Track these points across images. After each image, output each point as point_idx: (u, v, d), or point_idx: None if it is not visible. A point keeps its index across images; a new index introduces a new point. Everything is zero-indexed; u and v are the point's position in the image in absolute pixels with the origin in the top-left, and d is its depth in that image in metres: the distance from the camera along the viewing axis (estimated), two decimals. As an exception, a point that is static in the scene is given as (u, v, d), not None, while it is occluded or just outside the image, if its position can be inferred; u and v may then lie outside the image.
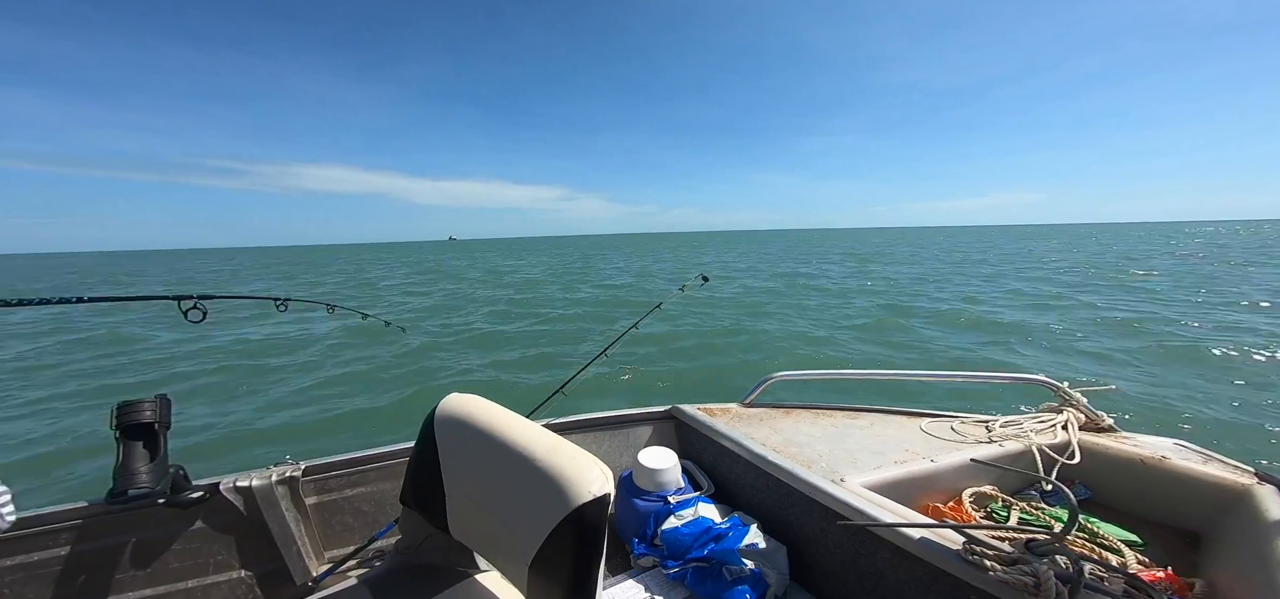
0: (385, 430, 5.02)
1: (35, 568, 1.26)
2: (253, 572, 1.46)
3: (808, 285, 16.09)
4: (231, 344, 8.75)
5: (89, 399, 6.02)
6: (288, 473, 1.45)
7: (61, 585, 1.29)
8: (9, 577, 1.25)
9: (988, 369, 3.71)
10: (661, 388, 6.06)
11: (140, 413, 1.27)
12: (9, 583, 1.25)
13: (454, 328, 10.49)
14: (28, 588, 1.26)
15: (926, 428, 1.84)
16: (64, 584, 1.29)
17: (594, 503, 0.82)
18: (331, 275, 28.22)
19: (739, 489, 1.72)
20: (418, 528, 1.22)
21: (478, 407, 1.06)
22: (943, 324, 9.41)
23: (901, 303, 11.85)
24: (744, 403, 2.11)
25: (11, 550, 1.24)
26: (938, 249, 38.65)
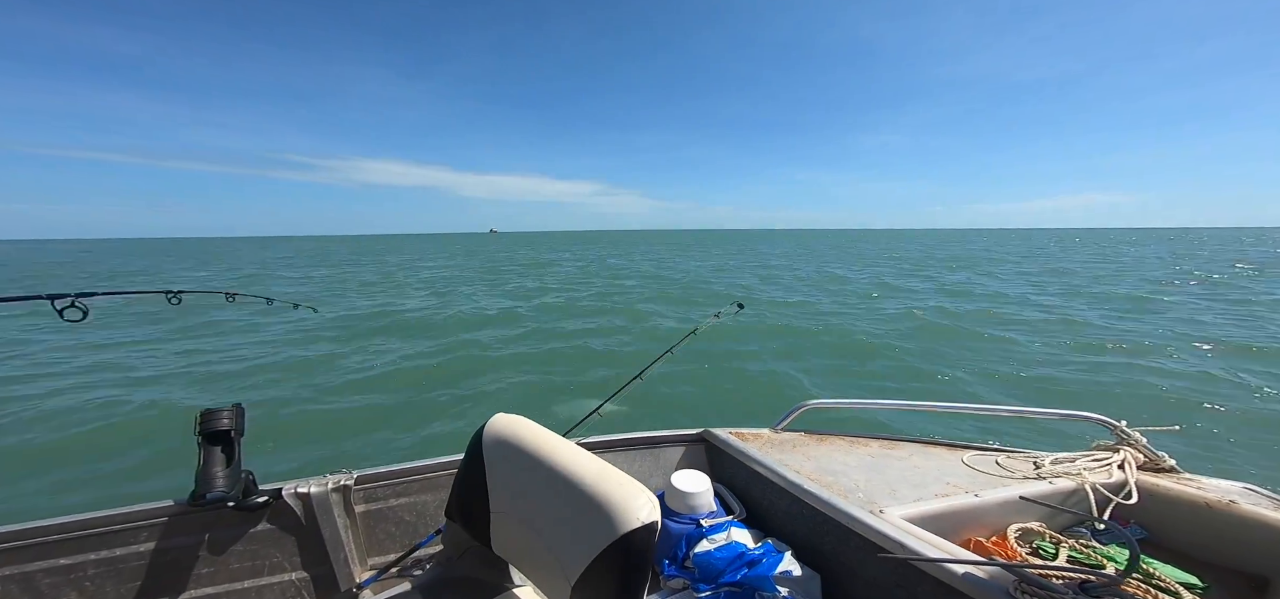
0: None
1: (117, 563, 1.38)
2: (304, 575, 1.54)
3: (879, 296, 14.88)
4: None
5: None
6: (341, 481, 1.54)
7: (139, 581, 1.40)
8: (92, 570, 1.36)
9: (1036, 405, 3.55)
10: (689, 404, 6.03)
11: (220, 421, 1.38)
12: (92, 577, 1.36)
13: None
14: (107, 582, 1.37)
15: (969, 461, 1.80)
16: (141, 580, 1.40)
17: (642, 530, 0.85)
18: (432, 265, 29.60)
19: (771, 515, 1.71)
20: (460, 541, 1.27)
21: (525, 428, 1.12)
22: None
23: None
24: (776, 428, 2.11)
25: (96, 546, 1.36)
26: (1019, 253, 36.50)
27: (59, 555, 1.33)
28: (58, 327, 9.22)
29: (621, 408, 2.12)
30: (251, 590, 1.49)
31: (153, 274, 26.51)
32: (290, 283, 21.50)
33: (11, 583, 1.29)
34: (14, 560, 1.29)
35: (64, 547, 1.33)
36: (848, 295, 15.14)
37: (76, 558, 1.34)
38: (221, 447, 1.40)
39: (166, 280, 22.85)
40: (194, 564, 1.44)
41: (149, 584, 1.40)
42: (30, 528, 1.30)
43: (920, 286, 17.27)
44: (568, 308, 13.95)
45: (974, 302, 13.89)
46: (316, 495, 1.49)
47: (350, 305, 14.24)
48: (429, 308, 13.75)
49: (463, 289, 18.41)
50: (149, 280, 22.35)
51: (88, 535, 1.35)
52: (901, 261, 29.84)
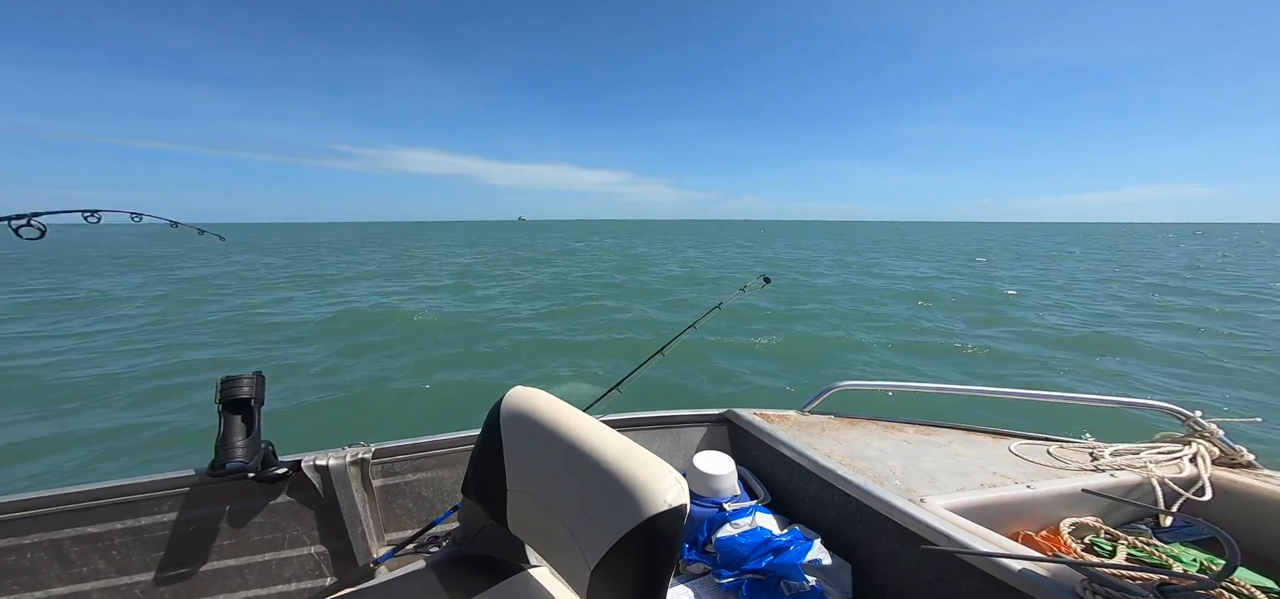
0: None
1: (141, 531, 1.39)
2: (322, 549, 1.54)
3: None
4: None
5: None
6: (359, 454, 1.52)
7: (162, 551, 1.41)
8: (118, 540, 1.38)
9: (1094, 392, 3.24)
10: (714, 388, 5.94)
11: (240, 389, 1.36)
12: (118, 546, 1.38)
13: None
14: (133, 551, 1.39)
15: (1017, 450, 1.68)
16: (164, 548, 1.41)
17: (669, 513, 0.79)
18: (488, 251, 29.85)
19: (799, 501, 1.63)
20: (476, 518, 1.23)
21: (544, 402, 1.06)
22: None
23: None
24: (804, 410, 2.01)
25: (121, 514, 1.37)
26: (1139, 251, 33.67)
27: (86, 523, 1.35)
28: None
29: (642, 385, 2.05)
30: (271, 564, 1.49)
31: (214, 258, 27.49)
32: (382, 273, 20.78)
33: (41, 550, 1.32)
34: (43, 528, 1.32)
35: (92, 514, 1.35)
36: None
37: (103, 526, 1.36)
38: (241, 415, 1.38)
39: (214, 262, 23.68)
40: (215, 535, 1.45)
41: (171, 554, 1.41)
42: (59, 494, 1.32)
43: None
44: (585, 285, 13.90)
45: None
46: (335, 469, 1.48)
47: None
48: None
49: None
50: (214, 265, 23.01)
51: (114, 504, 1.36)
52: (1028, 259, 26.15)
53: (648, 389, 5.59)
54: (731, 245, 35.69)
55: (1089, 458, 1.58)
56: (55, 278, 17.01)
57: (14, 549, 1.30)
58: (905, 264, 23.64)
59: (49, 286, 14.24)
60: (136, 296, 12.43)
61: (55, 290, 13.56)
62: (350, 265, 22.52)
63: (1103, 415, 4.35)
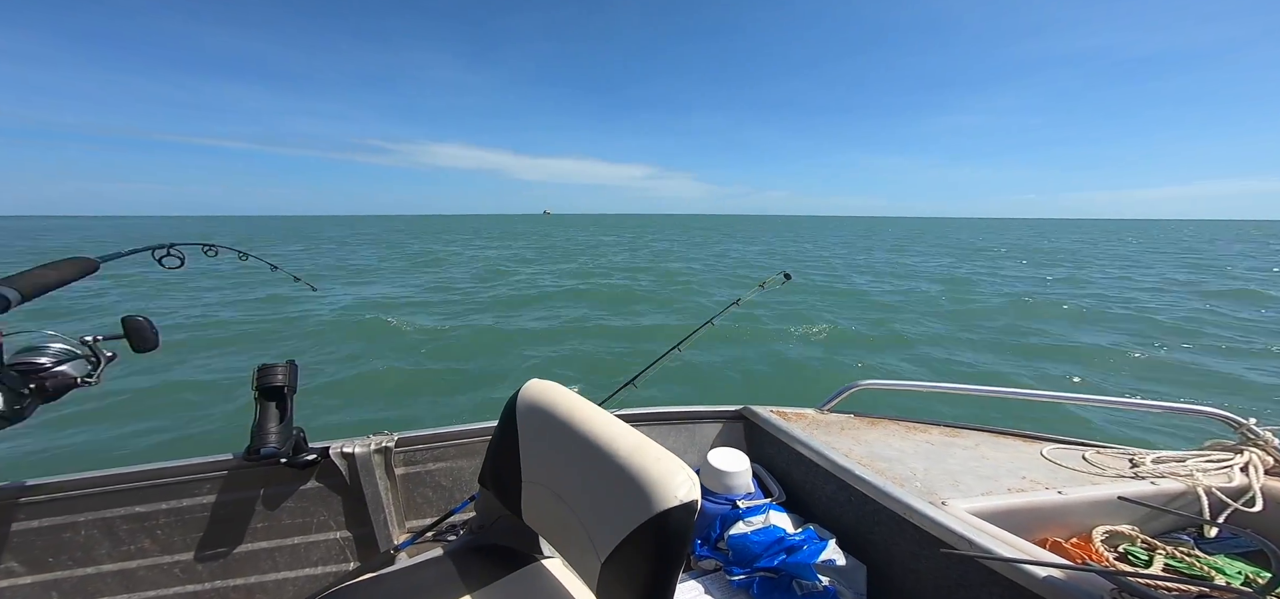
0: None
1: (184, 512, 1.48)
2: (347, 534, 1.60)
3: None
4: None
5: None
6: (383, 443, 1.57)
7: (201, 531, 1.50)
8: (163, 519, 1.47)
9: (1138, 398, 3.00)
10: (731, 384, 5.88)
11: (274, 376, 1.42)
12: (162, 525, 1.47)
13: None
14: (175, 531, 1.48)
15: (1050, 455, 1.61)
16: (203, 529, 1.50)
17: (680, 509, 0.79)
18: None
19: (814, 500, 1.60)
20: (492, 508, 1.26)
21: (558, 395, 1.07)
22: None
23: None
24: (822, 409, 1.97)
25: (165, 495, 1.46)
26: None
27: (134, 503, 1.44)
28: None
29: (658, 381, 2.05)
30: (300, 546, 1.56)
31: (261, 245, 28.74)
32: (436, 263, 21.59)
33: (94, 528, 1.41)
34: (96, 506, 1.42)
35: (139, 495, 1.44)
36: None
37: (150, 506, 1.45)
38: (275, 402, 1.44)
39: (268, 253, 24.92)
40: (250, 517, 1.53)
41: (210, 534, 1.49)
42: (111, 475, 1.42)
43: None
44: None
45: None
46: (360, 456, 1.54)
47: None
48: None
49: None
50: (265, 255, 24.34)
51: (159, 485, 1.45)
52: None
53: (663, 384, 5.60)
54: (749, 242, 35.09)
55: (1128, 464, 1.50)
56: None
57: (69, 526, 1.40)
58: (941, 261, 22.85)
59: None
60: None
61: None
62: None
63: (1146, 422, 4.12)
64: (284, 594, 1.56)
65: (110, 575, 1.44)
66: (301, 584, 1.56)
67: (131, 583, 1.46)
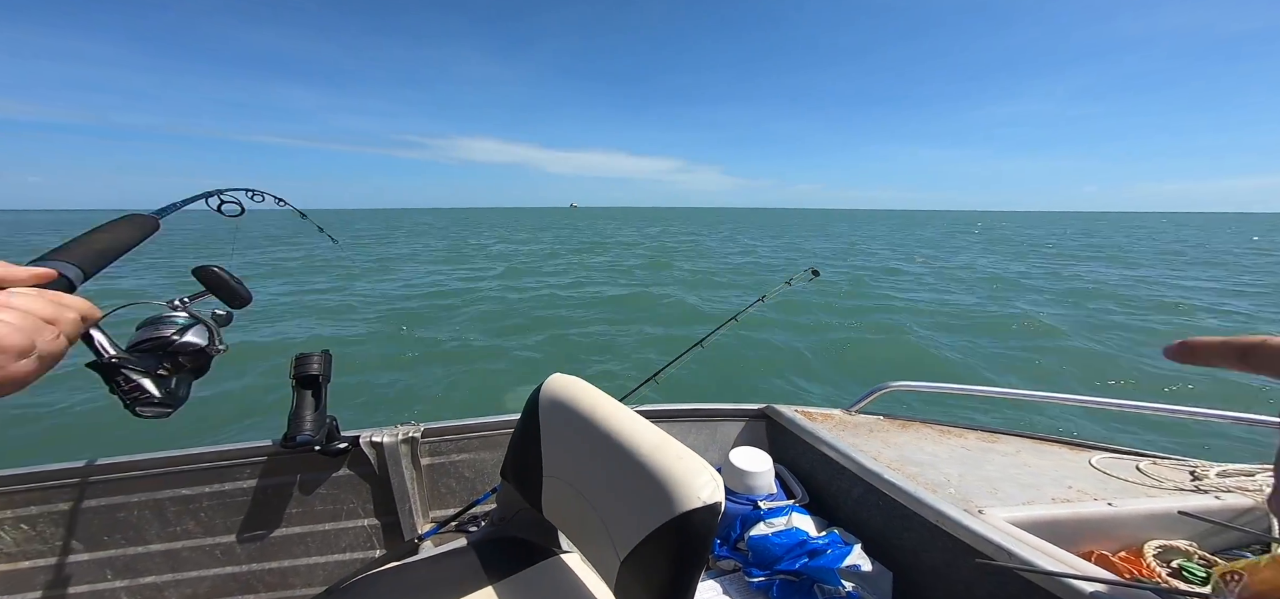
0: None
1: (225, 496, 1.55)
2: (376, 522, 1.65)
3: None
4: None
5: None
6: (410, 433, 1.61)
7: (241, 515, 1.57)
8: (206, 502, 1.55)
9: (1203, 407, 2.66)
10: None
11: (310, 366, 1.48)
12: (205, 507, 1.55)
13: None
14: (217, 514, 1.55)
15: (1099, 464, 1.51)
16: (242, 513, 1.57)
17: (704, 511, 0.78)
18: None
19: (839, 504, 1.55)
20: (513, 501, 1.28)
21: (581, 391, 1.07)
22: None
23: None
24: (850, 410, 1.91)
25: (209, 478, 1.54)
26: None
27: (181, 485, 1.53)
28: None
29: (679, 377, 2.03)
30: (331, 532, 1.62)
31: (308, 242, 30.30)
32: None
33: (145, 508, 1.50)
34: (147, 488, 1.50)
35: (186, 478, 1.53)
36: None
37: (195, 489, 1.54)
38: (311, 391, 1.49)
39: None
40: (285, 503, 1.59)
41: (249, 518, 1.57)
42: (162, 458, 1.50)
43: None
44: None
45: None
46: (388, 446, 1.58)
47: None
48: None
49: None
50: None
51: (204, 469, 1.53)
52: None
53: (686, 380, 5.57)
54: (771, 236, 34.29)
55: (1189, 477, 1.39)
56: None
57: (123, 506, 1.50)
58: (987, 257, 21.92)
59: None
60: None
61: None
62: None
63: (1210, 433, 3.81)
64: (315, 579, 1.62)
65: (158, 555, 1.53)
66: (331, 569, 1.62)
67: (177, 563, 1.55)
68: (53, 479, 1.45)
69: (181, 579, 1.56)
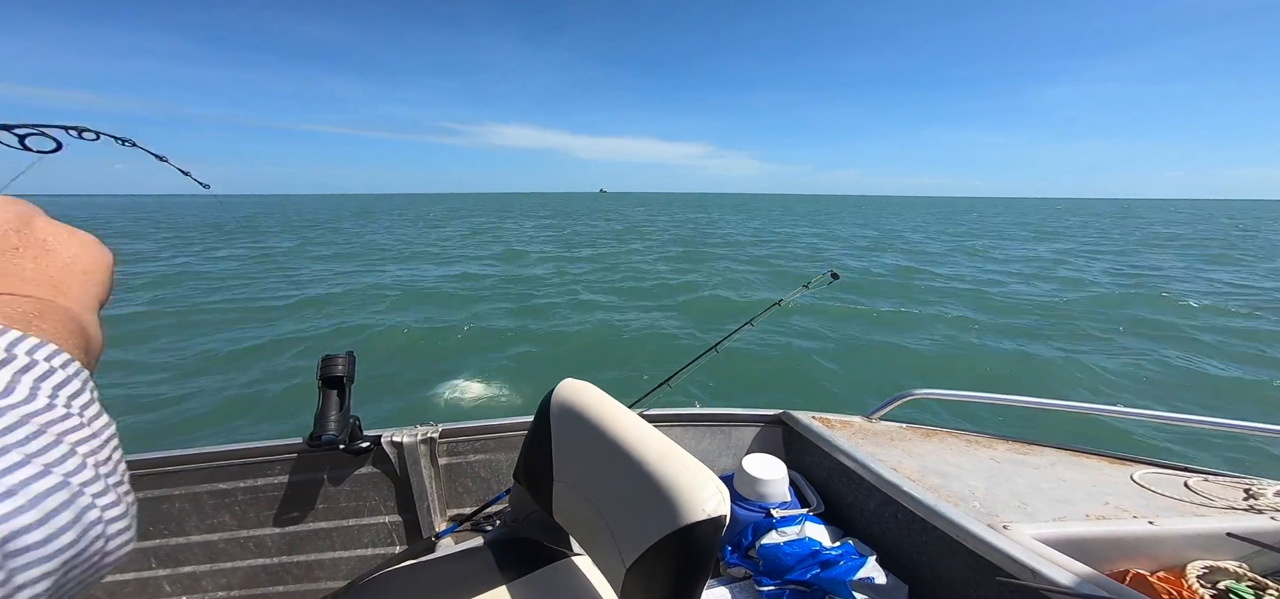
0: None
1: (258, 491, 1.63)
2: (397, 519, 1.70)
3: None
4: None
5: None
6: (429, 433, 1.66)
7: (273, 509, 1.64)
8: (241, 496, 1.62)
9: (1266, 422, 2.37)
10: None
11: (335, 367, 1.52)
12: (239, 502, 1.63)
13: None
14: (250, 508, 1.63)
15: (1143, 480, 1.42)
16: (273, 508, 1.64)
17: (708, 523, 0.77)
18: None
19: (856, 514, 1.50)
20: (525, 503, 1.29)
21: (591, 396, 1.08)
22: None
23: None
24: (871, 417, 1.86)
25: (243, 474, 1.62)
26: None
27: (218, 480, 1.61)
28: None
29: (694, 382, 2.01)
30: (354, 528, 1.68)
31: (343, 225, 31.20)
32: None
33: (186, 501, 1.59)
34: (189, 482, 1.60)
35: (222, 472, 1.61)
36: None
37: (230, 484, 1.62)
38: (336, 391, 1.54)
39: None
40: (312, 499, 1.66)
41: (279, 513, 1.64)
42: (200, 453, 1.59)
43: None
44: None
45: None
46: (408, 446, 1.63)
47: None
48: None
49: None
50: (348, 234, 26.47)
51: (238, 465, 1.61)
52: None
53: (703, 383, 5.50)
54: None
55: (1243, 496, 1.29)
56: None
57: (167, 498, 1.59)
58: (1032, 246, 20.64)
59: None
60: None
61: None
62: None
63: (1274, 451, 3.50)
64: (338, 572, 1.68)
65: (197, 546, 1.62)
66: (353, 564, 1.68)
67: (213, 554, 1.63)
68: None
69: (217, 570, 1.64)
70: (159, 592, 1.63)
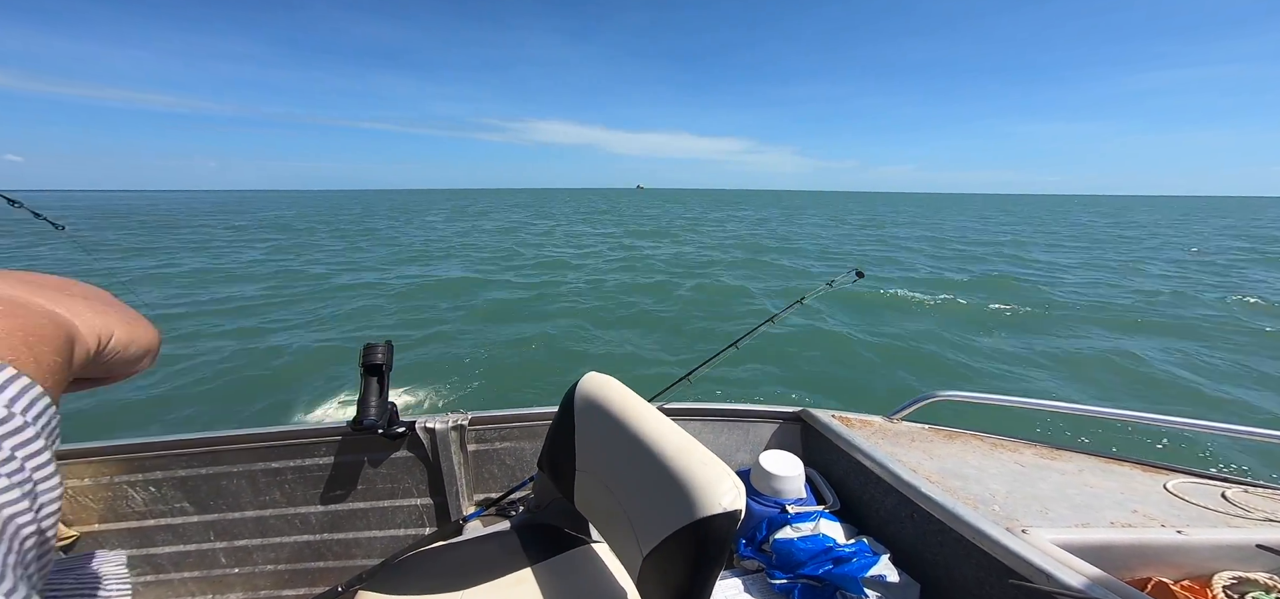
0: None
1: (305, 470, 1.76)
2: (428, 501, 1.80)
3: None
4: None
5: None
6: (459, 421, 1.75)
7: (319, 488, 1.77)
8: (290, 475, 1.75)
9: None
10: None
11: (375, 355, 1.61)
12: (289, 480, 1.75)
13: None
14: (298, 485, 1.76)
15: (1177, 489, 1.38)
16: (319, 487, 1.77)
17: (723, 517, 0.81)
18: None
19: (871, 513, 1.51)
20: (548, 490, 1.36)
21: (613, 390, 1.13)
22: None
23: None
24: (891, 417, 1.85)
25: (292, 454, 1.74)
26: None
27: (271, 459, 1.75)
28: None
29: (715, 376, 2.03)
30: (389, 509, 1.79)
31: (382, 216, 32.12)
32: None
33: (242, 478, 1.73)
34: (245, 460, 1.73)
35: (275, 452, 1.74)
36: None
37: (281, 463, 1.75)
38: (376, 378, 1.64)
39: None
40: (353, 480, 1.78)
41: (325, 491, 1.77)
42: (256, 433, 1.72)
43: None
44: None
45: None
46: (439, 432, 1.72)
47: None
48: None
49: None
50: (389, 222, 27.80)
51: (288, 445, 1.74)
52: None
53: (724, 380, 5.46)
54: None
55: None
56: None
57: (225, 475, 1.73)
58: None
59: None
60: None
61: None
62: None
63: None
64: (373, 550, 1.79)
65: (250, 521, 1.76)
66: (386, 543, 1.79)
67: (264, 529, 1.77)
68: (173, 449, 1.70)
69: (267, 544, 1.78)
70: (215, 563, 1.77)
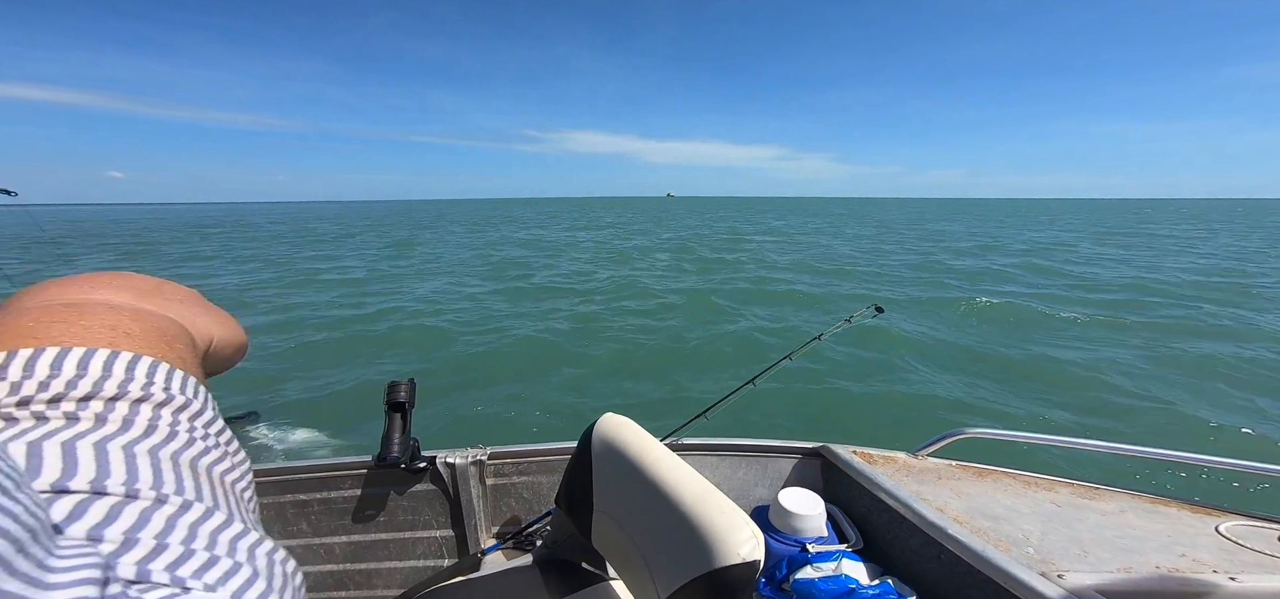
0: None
1: (331, 503, 1.80)
2: (448, 534, 1.82)
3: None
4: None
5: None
6: (478, 456, 1.78)
7: (344, 519, 1.80)
8: (316, 507, 1.79)
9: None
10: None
11: (399, 393, 1.67)
12: (315, 512, 1.79)
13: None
14: (324, 517, 1.80)
15: (1229, 532, 1.31)
16: (344, 518, 1.80)
17: (742, 567, 0.81)
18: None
19: (896, 553, 1.47)
20: (565, 527, 1.37)
21: (630, 433, 1.14)
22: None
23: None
24: (917, 453, 1.80)
25: (319, 487, 1.79)
26: None
27: (299, 491, 1.80)
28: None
29: (732, 412, 2.02)
30: (410, 540, 1.81)
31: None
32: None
33: (270, 509, 1.78)
34: (274, 492, 1.78)
35: (302, 484, 1.79)
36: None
37: (308, 495, 1.80)
38: (400, 414, 1.69)
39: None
40: (378, 512, 1.81)
41: (350, 523, 1.80)
42: (285, 466, 1.77)
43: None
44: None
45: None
46: (459, 466, 1.75)
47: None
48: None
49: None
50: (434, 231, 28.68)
51: (315, 478, 1.79)
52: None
53: (745, 410, 5.33)
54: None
55: None
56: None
57: (256, 507, 1.79)
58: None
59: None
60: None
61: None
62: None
63: None
64: (393, 581, 1.81)
65: None
66: (407, 574, 1.80)
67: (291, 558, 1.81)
68: None
69: None
70: None
